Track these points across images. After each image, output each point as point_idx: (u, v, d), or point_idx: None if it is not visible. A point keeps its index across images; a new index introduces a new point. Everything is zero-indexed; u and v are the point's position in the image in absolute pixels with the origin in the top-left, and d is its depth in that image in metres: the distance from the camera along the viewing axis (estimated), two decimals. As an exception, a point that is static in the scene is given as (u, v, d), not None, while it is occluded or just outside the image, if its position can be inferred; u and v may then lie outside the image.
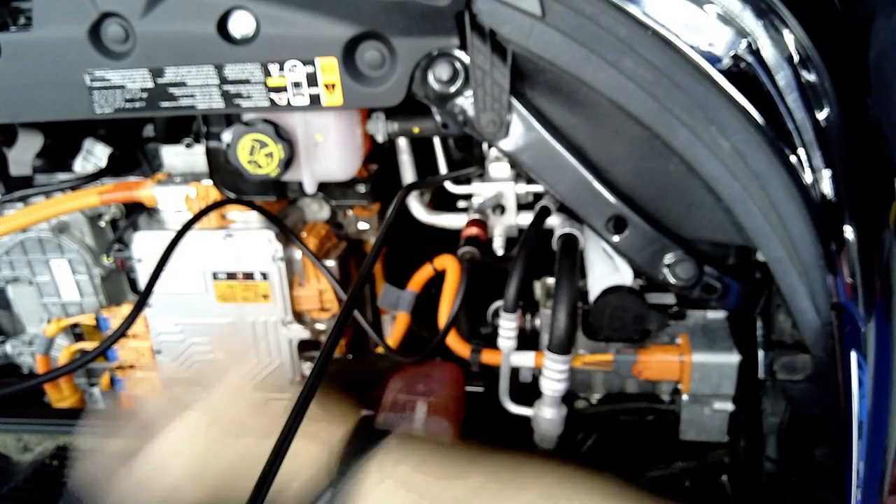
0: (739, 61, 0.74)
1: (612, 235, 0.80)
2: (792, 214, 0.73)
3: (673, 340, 0.93)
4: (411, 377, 1.02)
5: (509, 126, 0.76)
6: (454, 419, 0.96)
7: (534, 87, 0.76)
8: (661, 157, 0.76)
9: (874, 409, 0.74)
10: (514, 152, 0.77)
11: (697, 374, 0.87)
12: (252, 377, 0.66)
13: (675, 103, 0.71)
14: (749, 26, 0.74)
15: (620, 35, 0.69)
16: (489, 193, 0.97)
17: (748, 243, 0.76)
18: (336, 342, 0.48)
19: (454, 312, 0.91)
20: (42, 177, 1.05)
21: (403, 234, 1.07)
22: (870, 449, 0.73)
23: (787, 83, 0.75)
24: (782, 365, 0.82)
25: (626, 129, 0.76)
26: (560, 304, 0.82)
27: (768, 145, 0.72)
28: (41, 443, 0.89)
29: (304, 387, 0.46)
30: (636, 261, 0.81)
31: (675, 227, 0.80)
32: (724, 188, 0.73)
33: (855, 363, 0.75)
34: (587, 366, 0.92)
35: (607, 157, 0.78)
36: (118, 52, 0.76)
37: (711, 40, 0.74)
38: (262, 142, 0.83)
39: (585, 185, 0.78)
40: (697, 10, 0.74)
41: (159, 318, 1.01)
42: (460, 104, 0.76)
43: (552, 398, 0.88)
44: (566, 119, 0.77)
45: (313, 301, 0.99)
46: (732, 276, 0.82)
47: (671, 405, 0.95)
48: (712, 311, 0.93)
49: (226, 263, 0.96)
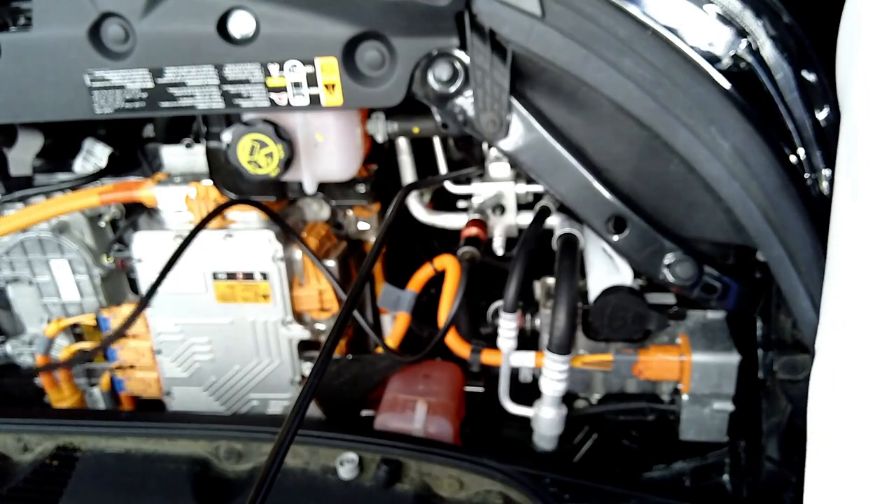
0: (739, 61, 0.74)
1: (612, 235, 0.80)
2: (792, 214, 0.73)
3: (673, 340, 0.93)
4: (411, 377, 1.02)
5: (509, 126, 0.76)
6: (454, 419, 0.96)
7: (534, 87, 0.76)
8: (661, 157, 0.76)
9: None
10: (514, 152, 0.78)
11: (697, 373, 0.87)
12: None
13: (675, 103, 0.71)
14: (749, 26, 0.74)
15: (620, 35, 0.69)
16: (489, 193, 0.97)
17: (748, 243, 0.76)
18: (336, 343, 0.48)
19: (453, 312, 0.91)
20: (42, 177, 1.05)
21: (404, 234, 1.07)
22: (870, 449, 0.73)
23: (786, 83, 0.75)
24: (782, 365, 0.82)
25: (626, 129, 0.76)
26: (560, 304, 0.82)
27: (768, 145, 0.72)
28: (41, 443, 0.89)
29: (305, 387, 0.46)
30: (636, 260, 0.81)
31: (675, 226, 0.80)
32: (723, 188, 0.73)
33: (855, 363, 0.75)
34: (587, 366, 0.92)
35: (607, 157, 0.78)
36: (118, 52, 0.76)
37: (711, 40, 0.74)
38: (262, 142, 0.83)
39: (585, 185, 0.78)
40: (697, 10, 0.74)
41: (159, 318, 1.01)
42: (460, 104, 0.76)
43: (552, 398, 0.88)
44: (566, 119, 0.77)
45: (313, 301, 0.99)
46: (732, 276, 0.82)
47: (671, 405, 0.95)
48: (712, 311, 0.93)
49: (226, 263, 0.96)
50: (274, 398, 1.05)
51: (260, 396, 1.05)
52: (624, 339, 0.91)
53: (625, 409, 0.97)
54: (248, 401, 1.05)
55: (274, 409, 1.06)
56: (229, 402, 1.06)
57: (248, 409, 1.06)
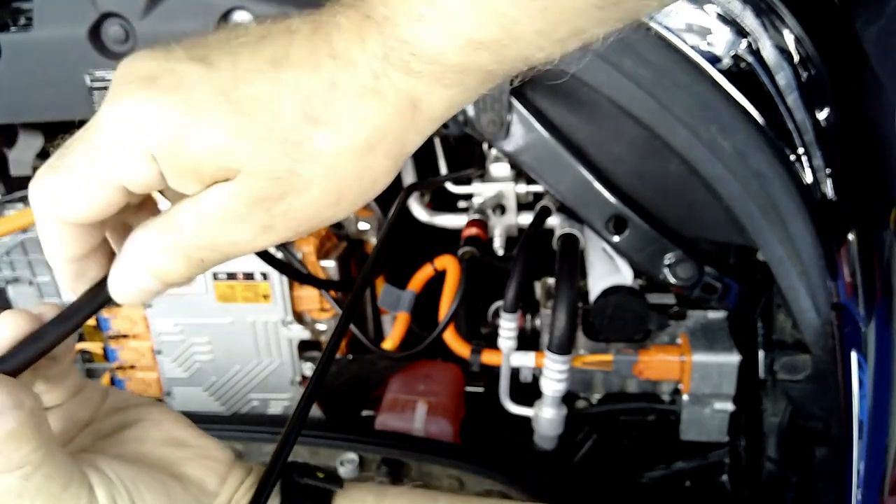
0: (740, 61, 0.74)
1: (613, 235, 0.80)
2: (792, 214, 0.73)
3: (673, 340, 0.93)
4: (411, 377, 1.02)
5: (510, 126, 0.76)
6: (454, 419, 0.96)
7: (534, 87, 0.76)
8: (662, 157, 0.76)
9: (874, 409, 0.74)
10: (514, 152, 0.78)
11: (698, 374, 0.87)
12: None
13: (676, 103, 0.71)
14: (749, 26, 0.74)
15: (620, 35, 0.69)
16: (489, 193, 0.97)
17: (748, 243, 0.77)
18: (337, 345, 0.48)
19: (452, 311, 0.91)
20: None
21: (404, 234, 1.07)
22: (870, 449, 0.73)
23: (787, 83, 0.75)
24: (783, 365, 0.82)
25: (627, 130, 0.76)
26: (560, 305, 0.82)
27: (768, 145, 0.72)
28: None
29: (307, 388, 0.46)
30: (636, 261, 0.81)
31: (675, 226, 0.80)
32: (724, 188, 0.73)
33: (855, 363, 0.75)
34: (587, 366, 0.92)
35: (607, 157, 0.79)
36: (118, 52, 0.76)
37: (711, 40, 0.74)
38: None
39: (586, 186, 0.78)
40: (697, 10, 0.74)
41: (160, 319, 1.01)
42: (460, 104, 0.76)
43: (552, 398, 0.88)
44: (566, 119, 0.77)
45: (313, 301, 0.99)
46: (732, 276, 0.82)
47: (671, 405, 0.95)
48: (712, 311, 0.93)
49: (226, 263, 0.96)
50: (274, 398, 1.05)
51: (260, 397, 1.05)
52: (624, 339, 0.91)
53: (625, 409, 0.97)
54: (248, 401, 1.05)
55: (274, 409, 1.06)
56: (229, 402, 1.06)
57: (249, 409, 1.06)
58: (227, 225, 0.33)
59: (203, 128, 0.31)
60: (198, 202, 0.33)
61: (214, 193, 0.32)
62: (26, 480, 0.35)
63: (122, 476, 0.39)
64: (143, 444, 0.44)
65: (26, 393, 0.35)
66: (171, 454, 0.44)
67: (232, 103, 0.31)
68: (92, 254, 0.36)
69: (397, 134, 0.33)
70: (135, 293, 0.36)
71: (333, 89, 0.31)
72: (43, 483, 0.35)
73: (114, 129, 0.31)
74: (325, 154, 0.32)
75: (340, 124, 0.32)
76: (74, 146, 0.33)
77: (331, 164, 0.32)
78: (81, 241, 0.35)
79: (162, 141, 0.31)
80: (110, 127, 0.31)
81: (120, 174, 0.32)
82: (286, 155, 0.31)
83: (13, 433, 0.34)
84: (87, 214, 0.33)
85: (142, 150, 0.31)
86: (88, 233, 0.35)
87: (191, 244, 0.34)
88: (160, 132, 0.31)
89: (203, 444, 0.46)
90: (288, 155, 0.31)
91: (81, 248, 0.35)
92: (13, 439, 0.34)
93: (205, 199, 0.33)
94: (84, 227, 0.35)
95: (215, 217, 0.33)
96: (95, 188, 0.32)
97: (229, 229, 0.33)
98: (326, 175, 0.32)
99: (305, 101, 0.31)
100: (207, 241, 0.34)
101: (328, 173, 0.32)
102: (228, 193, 0.32)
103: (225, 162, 0.31)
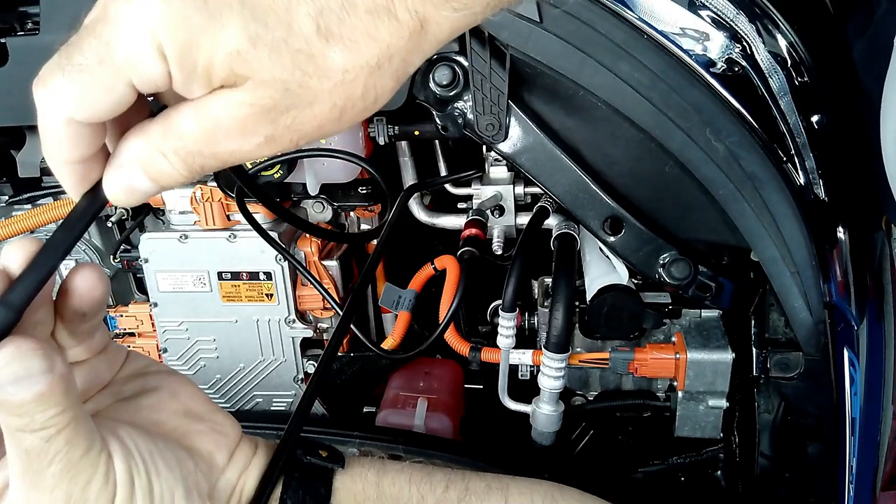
0: (733, 65, 0.76)
1: (609, 236, 0.81)
2: (785, 215, 0.74)
3: (668, 338, 0.94)
4: (412, 375, 1.04)
5: (508, 129, 0.77)
6: (454, 415, 0.97)
7: (532, 90, 0.77)
8: (657, 159, 0.77)
9: (866, 406, 0.75)
10: (512, 155, 0.79)
11: (692, 371, 0.88)
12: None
13: (671, 107, 0.72)
14: (743, 31, 0.76)
15: (617, 40, 0.71)
16: (488, 195, 0.98)
17: (742, 244, 0.78)
18: (338, 344, 0.49)
19: (452, 310, 0.92)
20: (50, 178, 1.07)
21: (405, 234, 1.08)
22: (862, 445, 0.75)
23: (780, 87, 0.76)
24: (776, 363, 0.83)
25: (623, 132, 0.77)
26: (557, 303, 0.83)
27: (762, 148, 0.73)
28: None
29: (309, 386, 0.47)
30: (632, 261, 0.82)
31: (670, 227, 0.81)
32: (718, 190, 0.74)
33: (847, 361, 0.76)
34: (584, 363, 0.93)
35: (604, 159, 0.80)
36: (124, 57, 0.77)
37: (706, 45, 0.75)
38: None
39: (582, 187, 0.79)
40: (692, 15, 0.75)
41: (165, 317, 1.02)
42: (460, 107, 0.77)
43: (550, 395, 0.89)
44: (563, 122, 0.78)
45: (316, 300, 1.01)
46: (726, 276, 0.84)
47: (666, 402, 0.97)
48: (707, 310, 0.94)
49: (231, 263, 0.97)
50: (277, 396, 1.06)
51: (264, 394, 1.06)
52: (620, 338, 0.92)
53: (621, 406, 0.98)
54: (252, 398, 1.07)
55: (277, 406, 1.07)
56: (234, 399, 1.07)
57: (253, 406, 1.08)
58: (231, 134, 0.33)
59: (218, 30, 0.30)
60: (202, 108, 0.32)
61: (221, 101, 0.32)
62: (47, 442, 0.35)
63: (140, 448, 0.40)
64: (159, 412, 0.44)
65: (59, 357, 0.36)
66: (185, 426, 0.45)
67: (247, 9, 0.30)
68: (95, 156, 0.35)
69: (404, 54, 0.33)
70: (130, 194, 0.35)
71: (347, 5, 0.31)
72: (63, 447, 0.36)
73: (125, 25, 0.31)
74: (336, 70, 0.32)
75: (353, 41, 0.32)
76: (82, 44, 0.32)
77: (340, 79, 0.32)
78: (87, 142, 0.34)
79: (176, 39, 0.30)
80: (122, 23, 0.31)
81: (131, 72, 0.31)
82: (298, 67, 0.31)
83: (42, 395, 0.34)
84: (98, 112, 0.32)
85: (154, 47, 0.30)
86: (94, 133, 0.34)
87: (192, 150, 0.33)
88: (175, 30, 0.30)
89: (216, 418, 0.47)
90: (300, 67, 0.31)
91: (87, 150, 0.34)
92: (42, 401, 0.34)
93: (210, 105, 0.32)
94: (90, 128, 0.34)
95: (220, 125, 0.32)
96: (107, 86, 0.32)
97: (233, 138, 0.33)
98: (334, 90, 0.32)
99: (319, 15, 0.31)
100: (209, 148, 0.33)
101: (336, 89, 0.32)
102: (237, 101, 0.32)
103: (238, 68, 0.31)
